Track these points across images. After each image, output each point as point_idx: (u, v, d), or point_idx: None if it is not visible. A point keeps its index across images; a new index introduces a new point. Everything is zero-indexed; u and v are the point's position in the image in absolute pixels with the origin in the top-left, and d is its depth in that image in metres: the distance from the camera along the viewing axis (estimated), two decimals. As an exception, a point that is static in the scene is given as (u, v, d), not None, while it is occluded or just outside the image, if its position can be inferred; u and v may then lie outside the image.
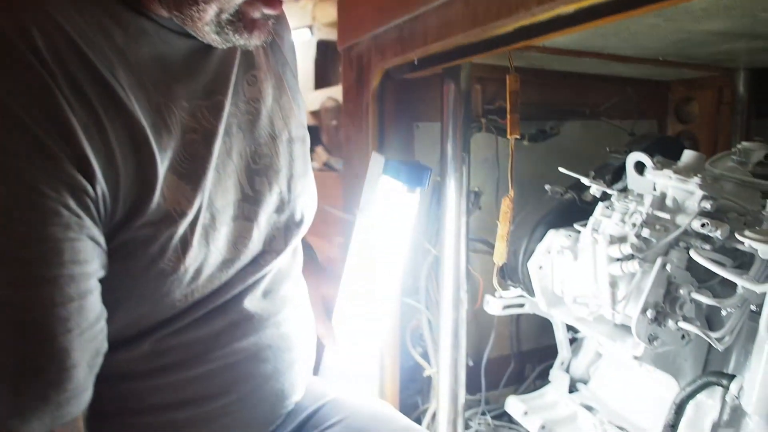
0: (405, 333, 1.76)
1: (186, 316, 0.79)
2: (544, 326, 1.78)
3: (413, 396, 1.88)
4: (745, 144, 1.49)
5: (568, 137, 2.03)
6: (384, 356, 1.61)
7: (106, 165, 0.62)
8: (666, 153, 1.41)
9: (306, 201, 0.95)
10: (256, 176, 0.85)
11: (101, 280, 0.66)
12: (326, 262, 1.35)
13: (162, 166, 0.68)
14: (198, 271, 0.76)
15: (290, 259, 0.96)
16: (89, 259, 0.62)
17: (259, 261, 0.87)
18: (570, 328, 1.75)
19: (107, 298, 0.68)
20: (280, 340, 0.91)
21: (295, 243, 0.94)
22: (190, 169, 0.72)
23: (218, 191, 0.78)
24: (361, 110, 1.67)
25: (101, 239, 0.64)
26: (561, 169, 1.31)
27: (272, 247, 0.89)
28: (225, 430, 0.86)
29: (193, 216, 0.73)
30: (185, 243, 0.73)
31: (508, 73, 1.24)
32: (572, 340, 1.75)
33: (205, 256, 0.76)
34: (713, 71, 2.01)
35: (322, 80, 3.62)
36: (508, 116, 1.16)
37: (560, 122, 2.03)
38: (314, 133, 3.20)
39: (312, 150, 2.28)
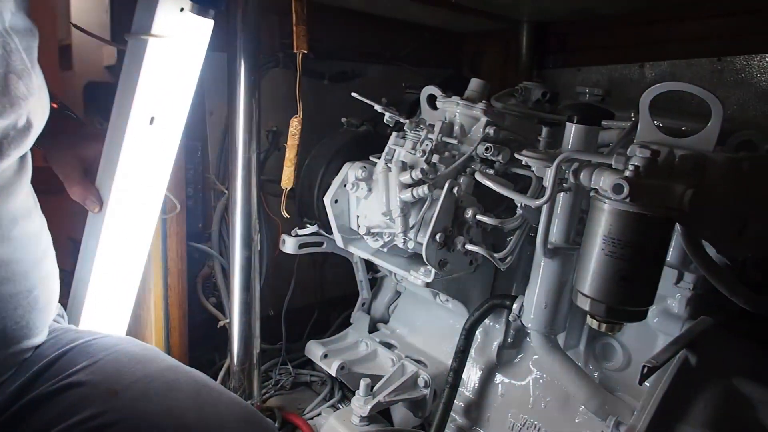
0: (196, 282, 1.61)
1: None
2: (349, 273, 1.74)
3: (210, 352, 1.74)
4: (526, 83, 1.57)
5: (370, 80, 2.00)
6: (171, 307, 1.44)
7: None
8: (460, 91, 1.42)
9: (34, 104, 0.76)
10: None
11: None
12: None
13: None
14: None
15: (14, 173, 0.77)
16: None
17: None
18: (370, 268, 1.74)
19: None
20: None
21: (19, 153, 0.75)
22: None
23: None
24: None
25: None
26: (353, 95, 1.25)
27: None
28: None
29: None
30: None
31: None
32: (372, 281, 1.74)
33: None
34: (501, 23, 2.12)
35: None
36: (294, 27, 1.06)
37: (362, 65, 2.00)
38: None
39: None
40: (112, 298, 1.11)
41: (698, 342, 1.07)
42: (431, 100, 1.40)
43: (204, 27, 0.99)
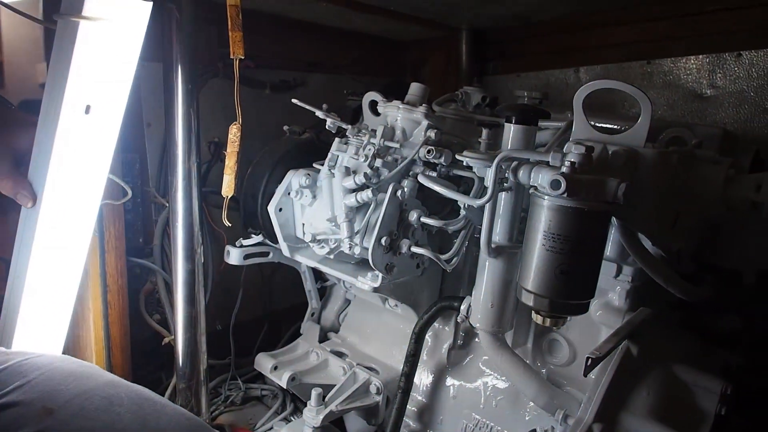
0: (138, 298, 1.55)
1: None
2: (298, 283, 1.72)
3: (156, 371, 1.68)
4: (466, 88, 1.60)
5: (312, 89, 2.00)
6: (111, 325, 1.39)
7: None
8: (401, 97, 1.43)
9: None
10: None
11: None
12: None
13: None
14: None
15: None
16: None
17: None
18: (318, 277, 1.72)
19: None
20: None
21: None
22: None
23: None
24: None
25: None
26: (294, 101, 1.24)
27: None
28: None
29: None
30: None
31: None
32: (321, 290, 1.72)
33: None
34: (441, 31, 2.15)
35: None
36: (229, 33, 1.05)
37: (304, 74, 2.00)
38: None
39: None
40: (47, 310, 1.04)
41: (639, 332, 1.10)
42: (373, 106, 1.40)
43: (142, 9, 0.93)
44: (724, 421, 1.04)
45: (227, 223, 1.21)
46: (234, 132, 1.10)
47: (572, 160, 0.89)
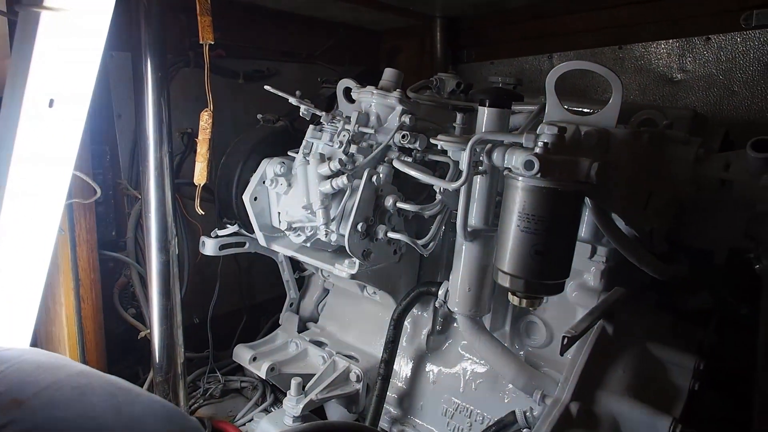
0: (113, 293, 1.53)
1: None
2: (276, 275, 1.71)
3: (132, 366, 1.65)
4: (440, 75, 1.59)
5: (286, 79, 1.98)
6: (85, 320, 1.36)
7: None
8: (375, 84, 1.42)
9: None
10: None
11: None
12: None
13: None
14: None
15: None
16: None
17: None
18: (296, 267, 1.71)
19: None
20: None
21: None
22: None
23: None
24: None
25: None
26: (267, 88, 1.23)
27: None
28: None
29: None
30: None
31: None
32: (300, 280, 1.72)
33: None
34: (416, 19, 2.14)
35: None
36: (198, 18, 1.03)
37: (278, 63, 1.97)
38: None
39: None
40: (13, 301, 1.03)
41: (613, 312, 1.12)
42: (347, 93, 1.39)
43: None
44: (698, 396, 1.06)
45: (200, 212, 1.20)
46: (205, 119, 1.09)
47: (545, 140, 0.89)
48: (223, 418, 1.56)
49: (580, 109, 1.19)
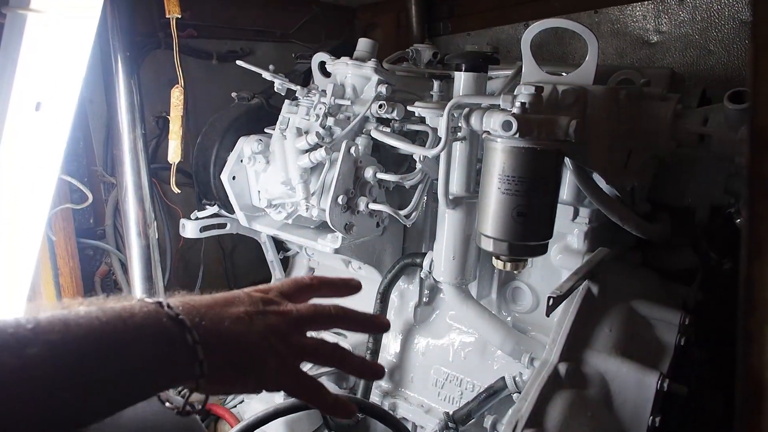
0: (94, 281, 1.50)
1: None
2: (260, 257, 1.69)
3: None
4: (417, 45, 1.57)
5: (260, 58, 1.94)
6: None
7: None
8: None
9: None
10: None
11: None
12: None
13: None
14: None
15: None
16: None
17: None
18: (280, 248, 1.69)
19: None
20: None
21: None
22: None
23: None
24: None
25: None
26: (239, 62, 1.20)
27: None
28: None
29: None
30: None
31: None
32: (284, 260, 1.70)
33: None
34: (390, -7, 2.12)
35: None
36: (163, -8, 1.00)
37: (252, 43, 1.94)
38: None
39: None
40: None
41: (598, 271, 1.12)
42: (322, 67, 1.37)
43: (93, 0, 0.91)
44: (684, 351, 1.07)
45: (176, 190, 1.17)
46: (176, 95, 1.06)
47: (522, 101, 0.88)
48: (214, 401, 1.54)
49: (557, 72, 1.18)
